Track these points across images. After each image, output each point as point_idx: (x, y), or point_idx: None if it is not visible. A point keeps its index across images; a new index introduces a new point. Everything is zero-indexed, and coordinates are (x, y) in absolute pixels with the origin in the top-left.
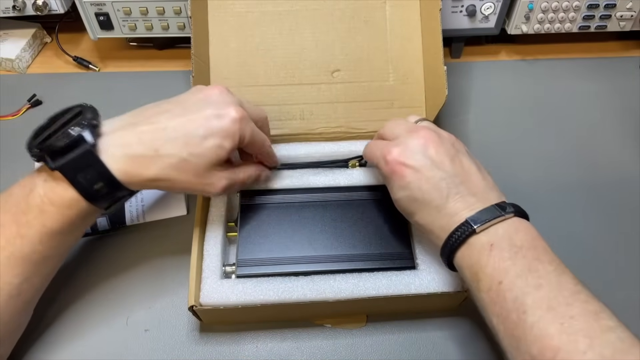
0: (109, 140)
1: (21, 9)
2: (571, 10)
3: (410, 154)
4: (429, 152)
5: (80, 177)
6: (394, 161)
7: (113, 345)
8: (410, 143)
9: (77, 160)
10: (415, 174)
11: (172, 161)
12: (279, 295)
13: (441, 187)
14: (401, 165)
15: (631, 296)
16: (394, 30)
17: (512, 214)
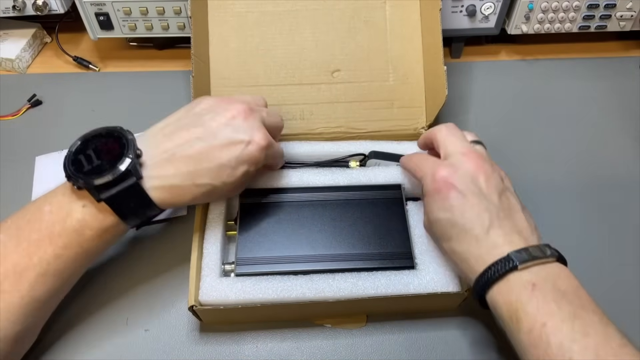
0: (150, 172)
1: (21, 9)
2: (571, 10)
3: (460, 178)
4: (479, 180)
5: (125, 207)
6: (442, 180)
7: (113, 345)
8: (462, 166)
9: (123, 193)
10: (460, 198)
11: (206, 190)
12: (278, 294)
13: (484, 217)
14: (449, 186)
15: (631, 296)
16: (394, 30)
17: (555, 259)
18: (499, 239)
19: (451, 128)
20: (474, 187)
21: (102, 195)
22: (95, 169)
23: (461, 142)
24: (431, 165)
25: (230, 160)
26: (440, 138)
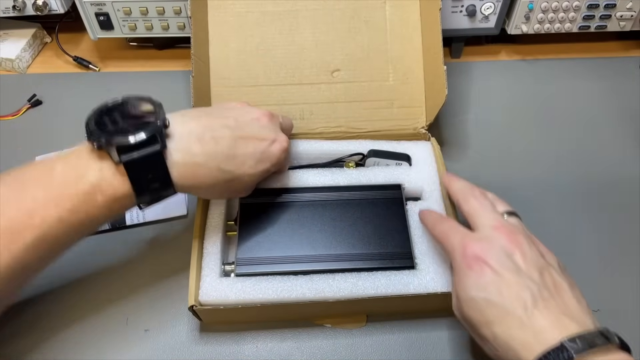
0: (176, 145)
1: (21, 9)
2: (571, 10)
3: (494, 254)
4: (516, 257)
5: (142, 177)
6: (473, 256)
7: (113, 345)
8: (496, 242)
9: (144, 160)
10: (495, 275)
11: (227, 177)
12: (277, 294)
13: (525, 296)
14: (481, 263)
15: (631, 296)
16: (394, 30)
17: (617, 346)
18: (544, 321)
19: (479, 198)
20: (510, 263)
21: (122, 158)
22: (120, 130)
23: (491, 213)
24: (461, 239)
25: (255, 153)
26: (468, 209)
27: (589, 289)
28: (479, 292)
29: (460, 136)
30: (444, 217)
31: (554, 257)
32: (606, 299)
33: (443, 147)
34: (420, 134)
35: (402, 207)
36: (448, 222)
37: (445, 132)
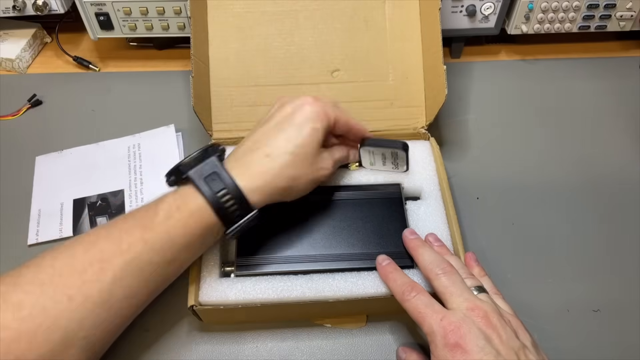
0: (230, 160)
1: (21, 9)
2: (571, 10)
3: (473, 340)
4: (494, 341)
5: (206, 182)
6: (455, 343)
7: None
8: (474, 326)
9: (203, 167)
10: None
11: (285, 159)
12: (277, 294)
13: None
14: (463, 349)
15: (630, 295)
16: (394, 30)
17: None
18: None
19: (448, 274)
20: (489, 348)
21: (185, 173)
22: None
23: (464, 292)
24: (439, 321)
25: (290, 125)
26: (439, 287)
27: (589, 289)
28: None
29: (460, 136)
30: (415, 285)
31: (527, 334)
32: (606, 299)
33: (443, 147)
34: (420, 133)
35: (402, 206)
36: (422, 296)
37: (445, 132)
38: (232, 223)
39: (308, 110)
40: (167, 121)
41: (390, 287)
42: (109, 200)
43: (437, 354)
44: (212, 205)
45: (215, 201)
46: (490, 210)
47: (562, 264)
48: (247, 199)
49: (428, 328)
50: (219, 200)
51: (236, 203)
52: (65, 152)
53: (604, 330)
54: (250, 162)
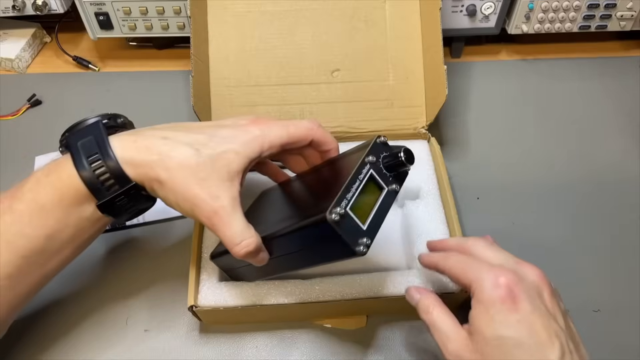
0: (122, 132)
1: (21, 8)
2: (571, 10)
3: (526, 288)
4: (544, 295)
5: (80, 147)
6: (507, 288)
7: (113, 345)
8: (526, 276)
9: (85, 132)
10: (530, 313)
11: (179, 148)
12: (277, 299)
13: (556, 343)
14: (515, 296)
15: (631, 296)
16: (394, 30)
17: None
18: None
19: (489, 241)
20: (539, 302)
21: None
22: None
23: (505, 254)
24: (488, 269)
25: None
26: (477, 251)
27: (589, 289)
28: (509, 330)
29: (460, 136)
30: (448, 252)
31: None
32: (606, 299)
33: (443, 146)
34: (420, 133)
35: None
36: (459, 254)
37: (445, 132)
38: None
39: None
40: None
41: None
42: None
43: (484, 300)
44: (79, 171)
45: (84, 167)
46: (490, 210)
47: (563, 264)
48: (122, 170)
49: (471, 275)
50: (89, 167)
51: (108, 172)
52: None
53: (604, 331)
54: (142, 136)
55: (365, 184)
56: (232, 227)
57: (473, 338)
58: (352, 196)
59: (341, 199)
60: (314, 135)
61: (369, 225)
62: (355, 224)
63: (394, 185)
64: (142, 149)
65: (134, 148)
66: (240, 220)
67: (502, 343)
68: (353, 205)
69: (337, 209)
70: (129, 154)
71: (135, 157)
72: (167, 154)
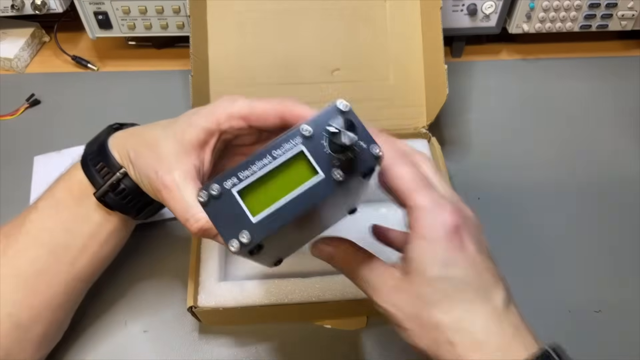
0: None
1: (20, 8)
2: (572, 10)
3: (470, 227)
4: (483, 237)
5: (87, 146)
6: (455, 225)
7: (112, 346)
8: (469, 214)
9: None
10: (479, 253)
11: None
12: (277, 298)
13: (502, 285)
14: (463, 235)
15: (632, 296)
16: (394, 29)
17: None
18: (518, 320)
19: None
20: (482, 243)
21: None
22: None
23: (447, 184)
24: (437, 200)
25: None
26: (426, 170)
27: (589, 289)
28: (455, 270)
29: (461, 135)
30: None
31: None
32: (606, 300)
33: (444, 146)
34: (420, 133)
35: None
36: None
37: (446, 131)
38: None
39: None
40: None
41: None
42: None
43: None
44: (82, 166)
45: (85, 163)
46: (491, 210)
47: (564, 264)
48: (111, 155)
49: (421, 201)
50: (88, 161)
51: (101, 161)
52: (64, 151)
53: (605, 331)
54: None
55: (287, 162)
56: (181, 201)
57: (409, 279)
58: (252, 174)
59: (228, 176)
60: (284, 111)
61: (266, 219)
62: (237, 210)
63: (337, 173)
64: (128, 135)
65: (122, 136)
66: (191, 195)
67: (446, 284)
68: (248, 187)
69: (214, 186)
70: (117, 141)
71: (120, 142)
72: (141, 135)
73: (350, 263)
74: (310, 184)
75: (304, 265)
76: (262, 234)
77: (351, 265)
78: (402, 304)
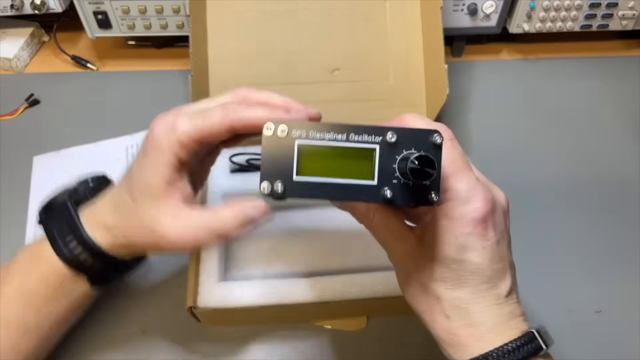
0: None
1: (19, 7)
2: (573, 9)
3: (497, 214)
4: (507, 222)
5: (56, 230)
6: (485, 211)
7: (111, 346)
8: (499, 199)
9: (59, 214)
10: (496, 244)
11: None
12: (277, 297)
13: (510, 275)
14: (488, 224)
15: (632, 296)
16: (394, 29)
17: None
18: (515, 307)
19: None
20: (504, 230)
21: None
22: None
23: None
24: (473, 184)
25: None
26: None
27: (589, 290)
28: (471, 255)
29: (461, 135)
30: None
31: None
32: (607, 300)
33: None
34: None
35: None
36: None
37: None
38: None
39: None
40: None
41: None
42: None
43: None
44: (60, 256)
45: (63, 253)
46: None
47: (564, 265)
48: (101, 249)
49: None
50: (68, 250)
51: (89, 254)
52: (63, 151)
53: (605, 332)
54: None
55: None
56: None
57: (423, 249)
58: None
59: (300, 126)
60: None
61: (305, 184)
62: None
63: (388, 190)
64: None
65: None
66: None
67: (459, 267)
68: (309, 147)
69: (283, 126)
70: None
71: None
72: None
73: (370, 215)
74: (360, 183)
75: (304, 266)
76: (293, 194)
77: (370, 218)
78: (411, 269)
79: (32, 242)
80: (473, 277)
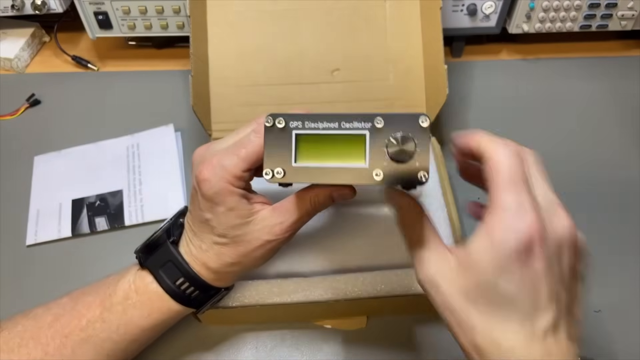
0: (184, 243)
1: (20, 8)
2: (572, 10)
3: (548, 245)
4: (565, 256)
5: (163, 272)
6: (529, 238)
7: None
8: (557, 228)
9: (159, 256)
10: (541, 276)
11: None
12: (277, 297)
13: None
14: (535, 253)
15: (632, 296)
16: (394, 29)
17: None
18: (554, 347)
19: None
20: (556, 263)
21: (144, 261)
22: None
23: (547, 188)
24: (522, 204)
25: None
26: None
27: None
28: (509, 285)
29: None
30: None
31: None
32: (607, 300)
33: (444, 146)
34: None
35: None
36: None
37: (446, 131)
38: (200, 302)
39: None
40: (166, 121)
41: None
42: (108, 200)
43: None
44: (171, 295)
45: (173, 291)
46: None
47: None
48: (208, 283)
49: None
50: (178, 290)
51: (197, 289)
52: (64, 152)
53: (605, 332)
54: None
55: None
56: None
57: (460, 271)
58: (315, 129)
59: (296, 117)
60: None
61: (304, 170)
62: (287, 148)
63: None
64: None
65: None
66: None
67: (495, 293)
68: (306, 136)
69: (281, 119)
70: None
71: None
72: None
73: (413, 223)
74: (353, 166)
75: (305, 265)
76: (294, 178)
77: (412, 226)
78: (445, 291)
79: (127, 274)
80: (507, 306)
